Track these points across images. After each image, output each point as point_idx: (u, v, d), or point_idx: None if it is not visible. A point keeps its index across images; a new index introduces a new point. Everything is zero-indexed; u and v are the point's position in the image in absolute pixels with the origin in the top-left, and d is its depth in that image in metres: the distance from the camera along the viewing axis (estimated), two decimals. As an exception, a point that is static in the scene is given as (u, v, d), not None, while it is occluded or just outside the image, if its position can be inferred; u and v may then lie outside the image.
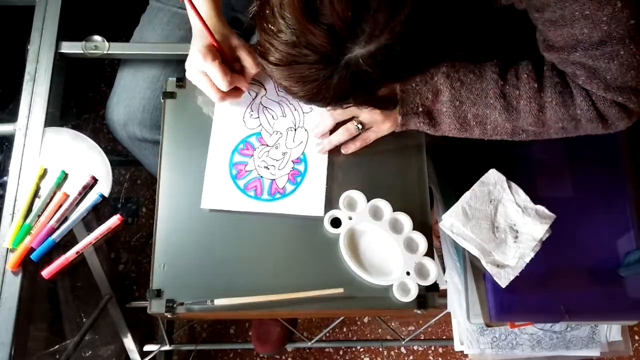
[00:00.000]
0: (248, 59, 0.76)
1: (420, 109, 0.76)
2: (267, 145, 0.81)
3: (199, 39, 0.74)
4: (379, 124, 0.79)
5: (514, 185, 0.79)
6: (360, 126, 0.79)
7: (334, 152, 0.82)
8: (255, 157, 0.81)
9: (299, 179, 0.80)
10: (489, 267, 0.76)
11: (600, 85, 0.68)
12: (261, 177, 0.80)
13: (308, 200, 0.79)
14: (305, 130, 0.82)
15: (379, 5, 0.48)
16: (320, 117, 0.81)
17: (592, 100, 0.70)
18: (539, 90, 0.72)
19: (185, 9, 0.97)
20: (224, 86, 0.74)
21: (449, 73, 0.74)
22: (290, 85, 0.56)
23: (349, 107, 0.76)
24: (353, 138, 0.80)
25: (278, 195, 0.79)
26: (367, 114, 0.78)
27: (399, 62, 0.52)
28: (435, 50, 0.55)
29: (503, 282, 0.75)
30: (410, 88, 0.75)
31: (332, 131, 0.81)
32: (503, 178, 0.79)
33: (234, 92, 0.78)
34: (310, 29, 0.49)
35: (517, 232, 0.77)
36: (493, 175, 0.79)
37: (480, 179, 0.79)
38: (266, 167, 0.80)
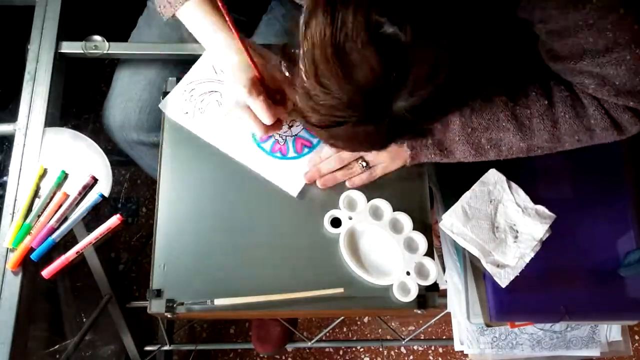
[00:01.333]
0: (292, 92, 0.73)
1: (430, 141, 0.75)
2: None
3: (243, 71, 0.72)
4: (386, 163, 0.79)
5: (514, 185, 0.79)
6: (364, 164, 0.79)
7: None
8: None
9: (306, 149, 0.81)
10: (489, 267, 0.76)
11: (611, 91, 0.67)
12: (284, 139, 0.82)
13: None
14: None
15: (420, 60, 0.47)
16: (323, 158, 0.80)
17: (604, 108, 0.70)
18: (549, 106, 0.71)
19: None
20: (269, 120, 0.72)
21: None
22: (334, 143, 0.56)
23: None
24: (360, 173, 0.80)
25: (306, 150, 0.81)
26: (372, 156, 0.79)
27: (443, 104, 0.52)
28: (466, 90, 0.54)
29: (503, 282, 0.75)
30: None
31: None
32: (503, 178, 0.79)
33: (276, 124, 0.76)
34: (352, 92, 0.48)
35: (517, 232, 0.77)
36: (493, 175, 0.79)
37: (480, 178, 0.79)
38: (290, 127, 0.83)
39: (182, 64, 0.91)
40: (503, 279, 0.75)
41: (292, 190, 0.79)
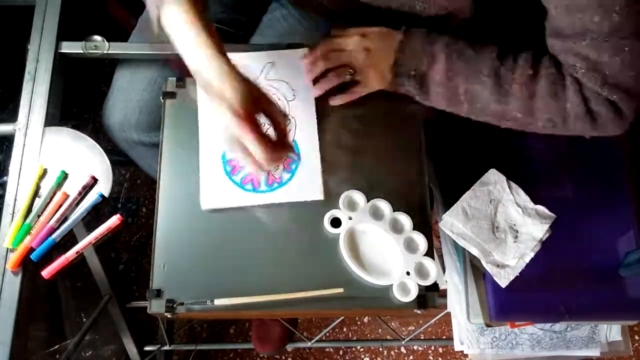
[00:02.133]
0: (282, 116, 0.69)
1: (413, 73, 0.75)
2: None
3: (230, 100, 0.64)
4: (369, 77, 0.79)
5: (514, 185, 0.79)
6: (351, 72, 0.79)
7: (331, 148, 0.82)
8: None
9: (293, 166, 0.80)
10: (489, 267, 0.76)
11: (598, 79, 0.68)
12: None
13: (306, 185, 0.79)
14: (292, 118, 0.82)
15: None
16: (312, 62, 0.81)
17: (583, 96, 0.70)
18: (532, 76, 0.71)
19: None
20: (261, 157, 0.65)
21: (448, 43, 0.74)
22: None
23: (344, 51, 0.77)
24: (342, 91, 0.80)
25: (276, 185, 0.79)
26: (358, 65, 0.78)
27: None
28: None
29: (503, 282, 0.75)
30: (409, 50, 0.75)
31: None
32: (503, 178, 0.79)
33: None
34: None
35: (517, 232, 0.77)
36: (493, 175, 0.79)
37: (480, 179, 0.79)
38: None
39: (181, 63, 0.91)
40: (503, 279, 0.75)
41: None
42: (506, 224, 0.78)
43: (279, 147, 0.69)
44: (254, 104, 0.66)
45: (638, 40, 0.65)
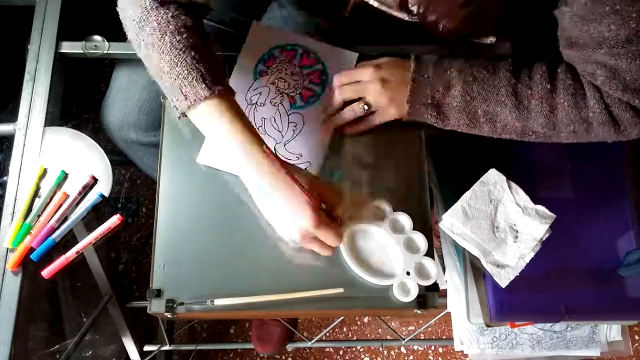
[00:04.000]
0: (335, 199, 0.71)
1: (430, 101, 0.75)
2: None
3: (297, 201, 0.66)
4: (385, 108, 0.78)
5: (514, 185, 0.79)
6: (366, 107, 0.78)
7: (331, 149, 0.82)
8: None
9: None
10: (489, 267, 0.76)
11: (619, 85, 0.68)
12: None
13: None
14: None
15: None
16: (327, 97, 0.81)
17: (605, 103, 0.70)
18: (551, 90, 0.71)
19: None
20: (336, 244, 0.70)
21: (462, 68, 0.74)
22: None
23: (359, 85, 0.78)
24: (357, 120, 0.80)
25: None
26: (373, 97, 0.78)
27: None
28: None
29: (503, 282, 0.75)
30: (423, 79, 0.75)
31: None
32: (503, 178, 0.79)
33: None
34: None
35: (517, 232, 0.77)
36: (493, 175, 0.79)
37: (481, 178, 0.79)
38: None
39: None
40: (503, 279, 0.75)
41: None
42: (506, 224, 0.78)
43: (338, 226, 0.70)
44: (320, 201, 0.68)
45: None
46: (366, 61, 0.81)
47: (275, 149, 0.81)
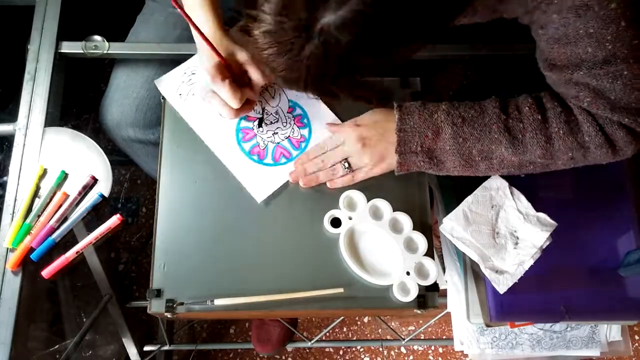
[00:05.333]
0: (255, 73, 0.75)
1: (420, 148, 0.74)
2: (258, 118, 0.83)
3: (206, 59, 0.73)
4: (368, 167, 0.78)
5: (516, 191, 0.79)
6: (346, 165, 0.78)
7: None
8: (259, 135, 0.82)
9: (305, 120, 0.83)
10: (487, 273, 0.76)
11: (606, 105, 0.67)
12: (278, 143, 0.82)
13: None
14: (274, 84, 0.84)
15: None
16: (306, 160, 0.80)
17: (598, 124, 0.69)
18: (543, 121, 0.71)
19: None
20: (235, 104, 0.73)
21: (449, 110, 0.73)
22: (268, 59, 0.56)
23: (338, 129, 0.78)
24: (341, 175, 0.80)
25: (303, 145, 0.82)
26: (355, 158, 0.78)
27: (370, 31, 0.52)
28: (408, 24, 0.53)
29: (501, 289, 0.75)
30: (409, 127, 0.74)
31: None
32: (505, 184, 0.78)
33: (246, 106, 0.77)
34: None
35: (518, 238, 0.77)
36: (495, 181, 0.79)
37: (483, 184, 0.79)
38: (274, 133, 0.83)
39: (179, 62, 0.91)
40: (501, 285, 0.75)
41: (257, 195, 0.79)
42: (507, 230, 0.78)
43: (246, 90, 0.75)
44: (230, 58, 0.74)
45: (635, 62, 0.64)
46: (346, 122, 0.81)
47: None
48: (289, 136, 0.82)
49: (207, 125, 0.82)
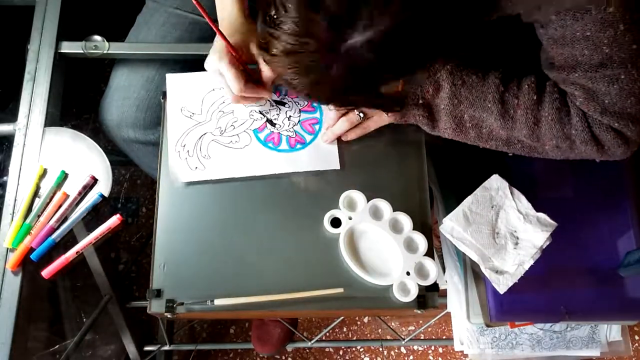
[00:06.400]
0: (265, 66, 0.75)
1: (421, 101, 0.75)
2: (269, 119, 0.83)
3: (219, 38, 0.74)
4: (379, 113, 0.79)
5: (516, 191, 0.79)
6: (361, 115, 0.79)
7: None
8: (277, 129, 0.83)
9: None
10: (487, 273, 0.76)
11: (597, 108, 0.67)
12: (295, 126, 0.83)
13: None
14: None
15: None
16: (324, 111, 0.82)
17: (588, 122, 0.69)
18: (537, 102, 0.71)
19: (183, 10, 0.97)
20: (235, 90, 0.74)
21: (452, 70, 0.74)
22: (291, 79, 0.56)
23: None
24: (354, 126, 0.80)
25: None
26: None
27: (398, 51, 0.53)
28: (433, 43, 0.55)
29: (501, 289, 0.75)
30: (414, 81, 0.75)
31: None
32: (506, 184, 0.78)
33: (252, 94, 0.78)
34: (311, 17, 0.50)
35: (518, 238, 0.77)
36: (496, 181, 0.79)
37: (483, 184, 0.79)
38: (288, 118, 0.83)
39: (179, 62, 0.91)
40: (501, 285, 0.75)
41: (332, 165, 0.80)
42: (507, 230, 0.78)
43: (255, 85, 0.76)
44: (240, 51, 0.75)
45: (633, 67, 0.64)
46: None
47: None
48: (301, 121, 0.83)
49: (235, 164, 0.81)
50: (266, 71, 0.76)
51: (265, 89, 0.78)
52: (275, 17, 0.53)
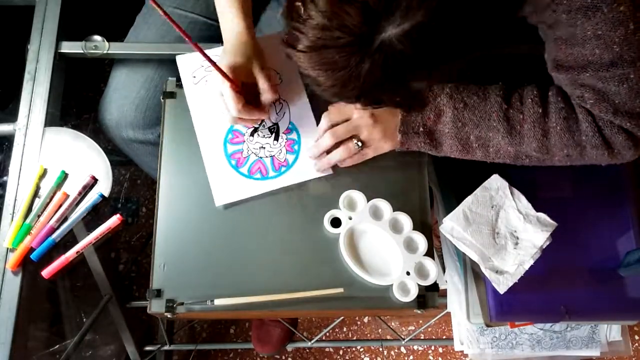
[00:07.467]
0: (264, 85, 0.75)
1: (422, 129, 0.75)
2: (254, 126, 0.83)
3: (221, 58, 0.75)
4: (378, 142, 0.78)
5: (516, 191, 0.79)
6: (359, 144, 0.78)
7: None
8: (247, 142, 0.82)
9: (296, 147, 0.82)
10: (487, 273, 0.76)
11: (609, 109, 0.67)
12: (260, 158, 0.81)
13: (313, 163, 0.81)
14: (283, 101, 0.84)
15: None
16: (319, 136, 0.80)
17: (597, 126, 0.69)
18: (543, 115, 0.71)
19: (182, 9, 0.97)
20: (234, 112, 0.73)
21: (452, 94, 0.73)
22: (318, 75, 0.54)
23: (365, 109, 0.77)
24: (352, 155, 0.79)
25: (283, 169, 0.80)
26: (366, 133, 0.77)
27: (434, 42, 0.51)
28: (467, 34, 0.53)
29: (501, 289, 0.75)
30: (412, 108, 0.74)
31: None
32: (506, 184, 0.78)
33: (249, 118, 0.77)
34: (343, 9, 0.48)
35: (518, 238, 0.77)
36: (496, 181, 0.79)
37: (483, 184, 0.79)
38: (262, 147, 0.82)
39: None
40: (501, 285, 0.75)
41: (218, 199, 0.78)
42: (507, 230, 0.78)
43: (254, 108, 0.75)
44: (240, 72, 0.74)
45: None
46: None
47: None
48: (273, 155, 0.81)
49: (204, 116, 0.82)
50: (265, 93, 0.75)
51: (263, 110, 0.77)
52: (302, 11, 0.51)
